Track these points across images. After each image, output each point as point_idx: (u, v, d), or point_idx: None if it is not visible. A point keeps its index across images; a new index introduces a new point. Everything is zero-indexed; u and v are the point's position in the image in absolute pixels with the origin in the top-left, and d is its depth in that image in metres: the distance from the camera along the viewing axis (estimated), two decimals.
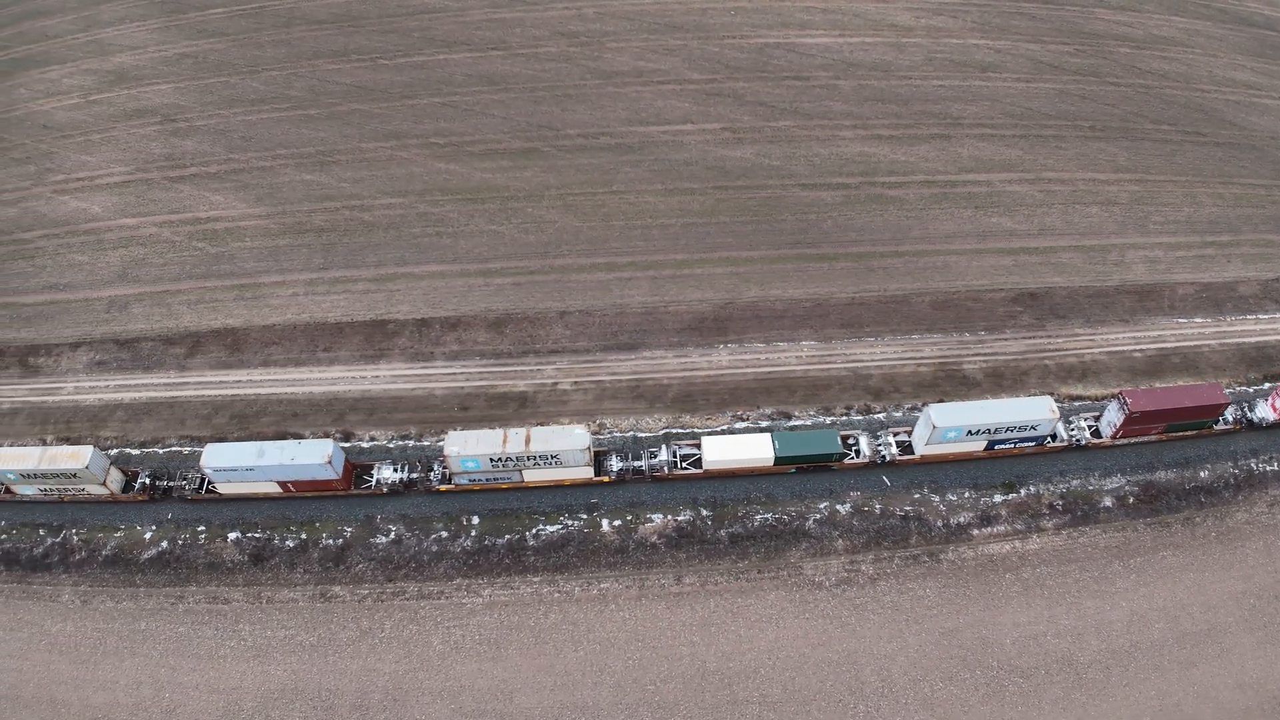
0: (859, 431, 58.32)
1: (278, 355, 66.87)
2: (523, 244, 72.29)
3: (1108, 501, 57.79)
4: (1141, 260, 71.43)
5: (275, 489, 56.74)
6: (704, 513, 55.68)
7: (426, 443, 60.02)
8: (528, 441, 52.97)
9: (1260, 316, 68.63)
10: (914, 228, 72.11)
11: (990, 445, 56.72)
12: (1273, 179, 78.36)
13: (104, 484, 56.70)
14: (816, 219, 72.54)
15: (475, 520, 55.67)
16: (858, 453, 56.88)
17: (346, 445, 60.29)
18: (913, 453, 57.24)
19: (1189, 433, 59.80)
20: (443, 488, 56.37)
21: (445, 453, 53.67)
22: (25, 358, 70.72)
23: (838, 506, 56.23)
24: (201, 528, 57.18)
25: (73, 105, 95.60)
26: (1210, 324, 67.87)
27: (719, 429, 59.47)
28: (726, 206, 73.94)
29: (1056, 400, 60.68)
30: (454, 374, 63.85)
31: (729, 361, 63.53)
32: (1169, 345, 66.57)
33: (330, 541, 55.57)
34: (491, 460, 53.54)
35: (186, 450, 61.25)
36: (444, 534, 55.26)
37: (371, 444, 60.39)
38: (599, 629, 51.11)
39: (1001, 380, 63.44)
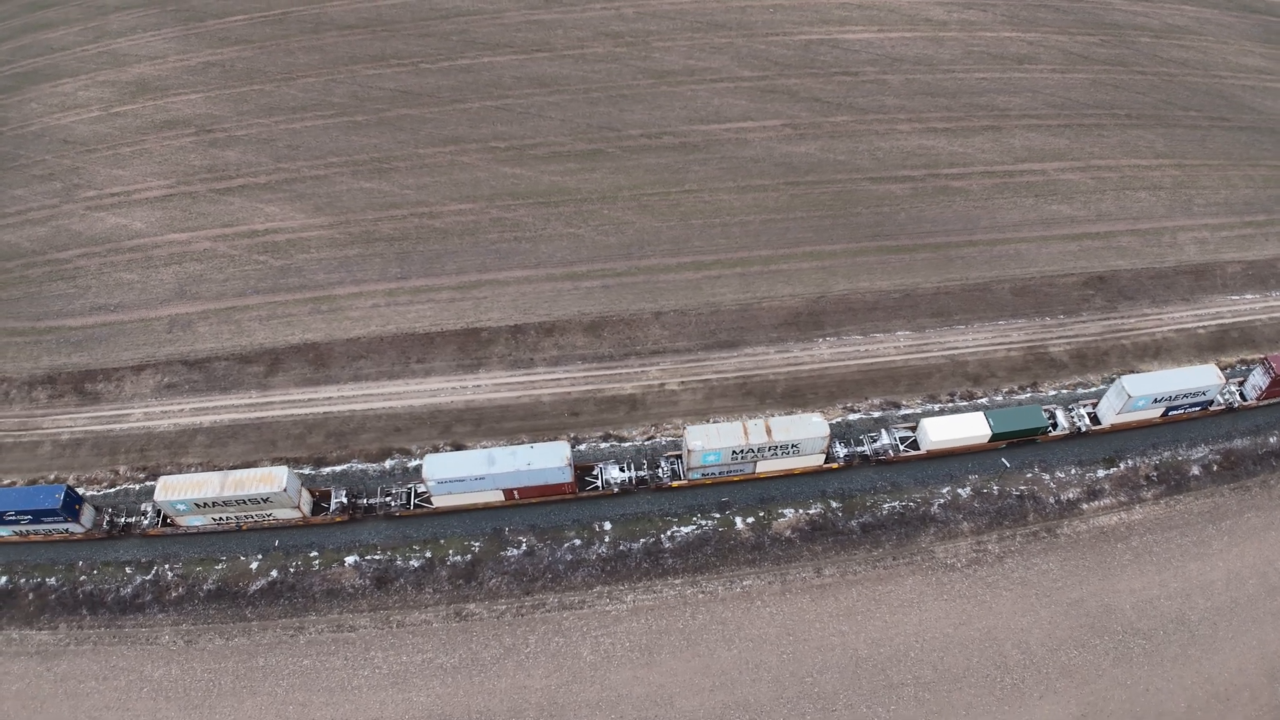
0: (1054, 406, 60.95)
1: (368, 369, 65.99)
2: (604, 246, 72.62)
3: (1195, 470, 61.10)
4: (1192, 241, 75.12)
5: (497, 498, 55.06)
6: (833, 505, 57.17)
7: None
8: (768, 432, 53.41)
9: None
10: (982, 218, 74.55)
11: (1166, 412, 60.34)
12: None
13: (297, 506, 54.29)
14: (890, 211, 74.46)
15: (607, 526, 56.09)
16: (1055, 425, 59.41)
17: None
18: (1100, 423, 60.04)
19: None
20: (675, 484, 56.29)
21: (689, 447, 53.43)
22: (81, 384, 68.07)
23: (959, 490, 58.30)
24: (314, 553, 55.78)
25: (94, 118, 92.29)
26: (1259, 300, 71.83)
27: (834, 420, 61.00)
28: (801, 202, 75.36)
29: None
30: (558, 379, 64.00)
31: (830, 355, 65.05)
32: (1226, 321, 70.27)
33: (458, 558, 55.01)
34: (734, 453, 53.80)
35: (308, 471, 60.04)
36: (577, 542, 55.52)
37: None
38: (748, 626, 52.14)
39: (1085, 361, 66.28)
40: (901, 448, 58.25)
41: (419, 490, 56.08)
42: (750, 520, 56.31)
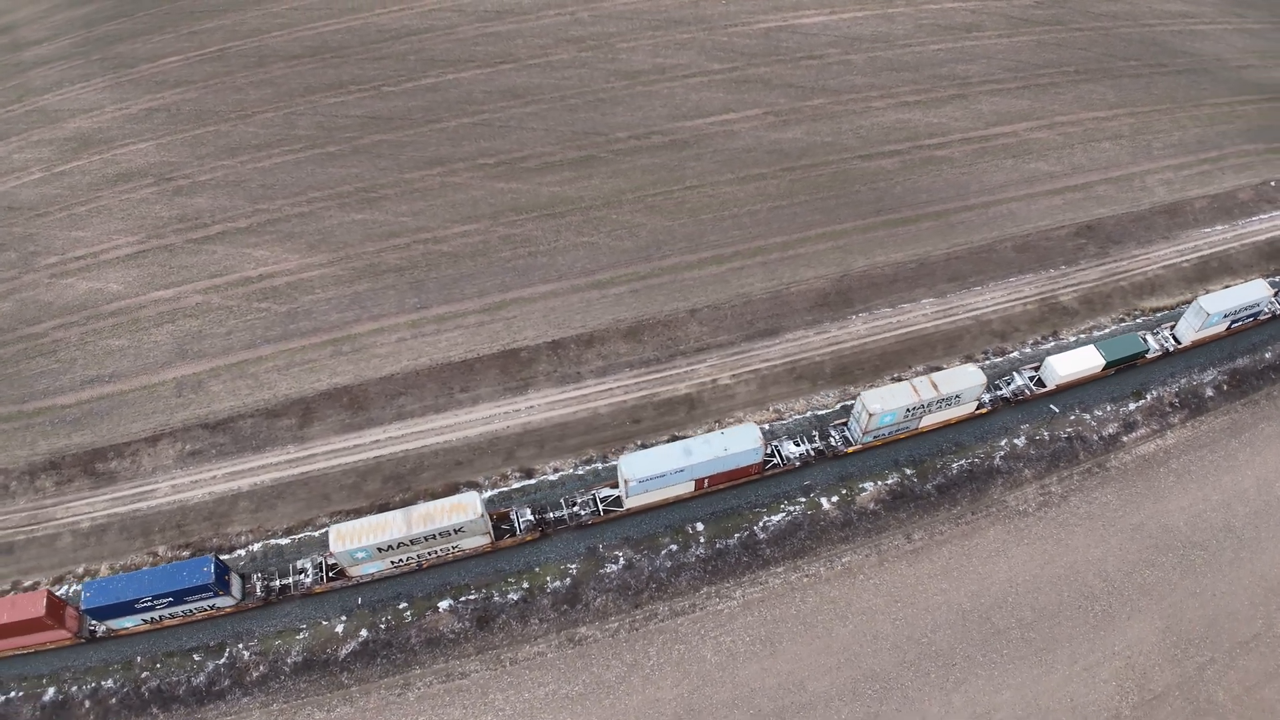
0: (1144, 331, 66.63)
1: (411, 405, 63.94)
2: (621, 251, 72.42)
3: (1209, 392, 65.82)
4: (1159, 183, 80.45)
5: (688, 490, 55.20)
6: (908, 472, 58.94)
7: (614, 462, 59.56)
8: (934, 387, 56.23)
9: (1262, 217, 79.11)
10: (971, 183, 77.85)
11: (1229, 325, 67.02)
12: (1231, 96, 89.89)
13: (487, 532, 51.98)
14: (886, 186, 76.88)
15: (700, 527, 56.26)
16: (1148, 350, 64.69)
17: (532, 482, 59.00)
18: (1181, 342, 66.50)
19: None
20: (850, 450, 58.37)
21: (868, 411, 55.04)
22: (90, 465, 63.18)
23: (1014, 441, 61.03)
24: (403, 604, 53.61)
25: (37, 180, 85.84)
26: (1229, 229, 77.61)
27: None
28: (801, 186, 76.94)
29: (1140, 314, 69.10)
30: (610, 389, 63.60)
31: (866, 329, 66.84)
32: (1205, 253, 75.69)
33: (558, 584, 53.93)
34: (907, 410, 56.07)
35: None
36: (673, 547, 55.43)
37: (557, 475, 59.25)
38: (856, 601, 53.38)
39: (1093, 305, 70.24)
40: (1032, 387, 62.45)
41: (602, 496, 55.43)
42: (835, 499, 57.45)
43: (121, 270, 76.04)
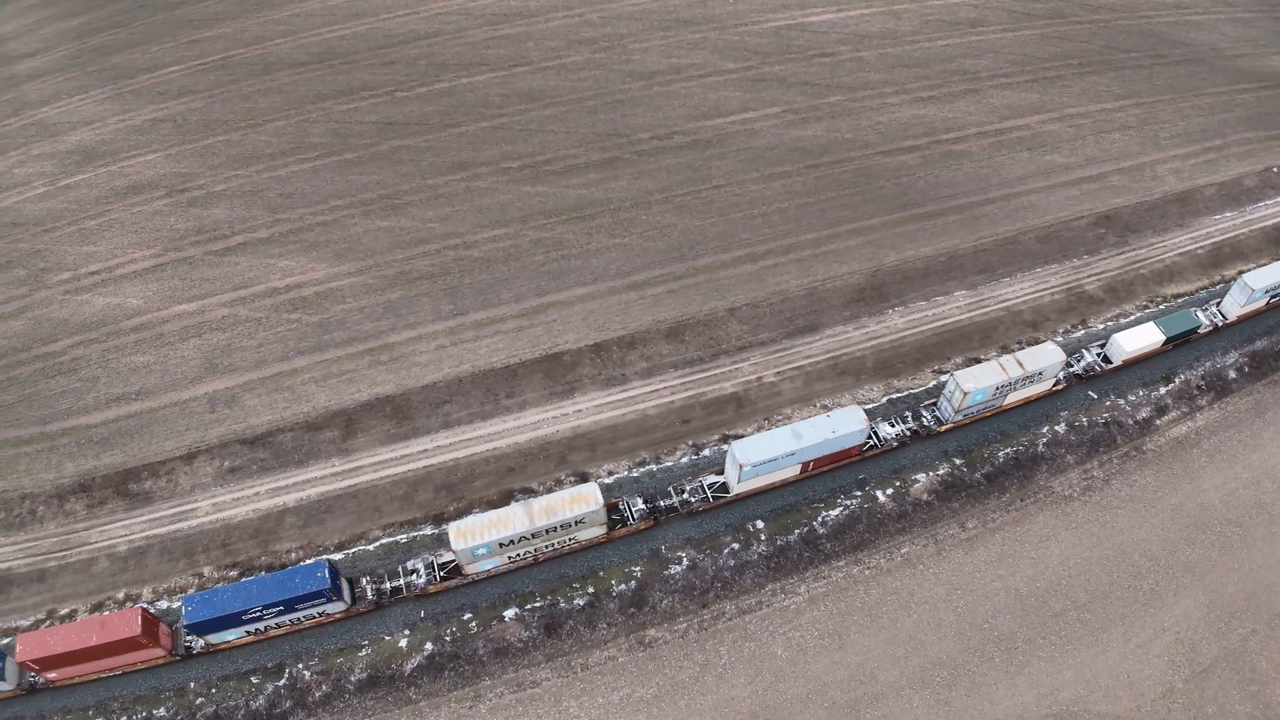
0: (1195, 309, 68.86)
1: (456, 413, 63.64)
2: (654, 251, 72.68)
3: (1232, 374, 67.82)
4: (1169, 172, 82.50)
5: (794, 474, 56.68)
6: (957, 462, 60.00)
7: (668, 463, 59.94)
8: (1020, 365, 58.39)
9: (1267, 203, 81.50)
10: (991, 176, 79.25)
11: (1269, 300, 69.31)
12: (1229, 85, 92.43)
13: (604, 522, 52.16)
14: (909, 181, 77.97)
15: (760, 525, 56.79)
16: (1200, 325, 67.15)
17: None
18: (1228, 318, 68.99)
19: None
20: (942, 429, 60.21)
21: (963, 390, 56.95)
22: (122, 485, 61.77)
23: (1055, 428, 62.41)
24: (468, 615, 53.36)
25: (41, 195, 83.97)
26: (1238, 216, 79.81)
27: (931, 385, 63.93)
28: (826, 183, 77.76)
29: (1162, 300, 71.13)
30: (657, 390, 63.86)
31: (904, 323, 67.82)
32: (1217, 239, 77.82)
33: (623, 587, 54.09)
34: (996, 388, 58.18)
35: (429, 531, 57.29)
36: (735, 545, 55.88)
37: (612, 478, 59.38)
38: (918, 590, 54.31)
39: (1117, 293, 71.92)
40: (1100, 363, 64.97)
41: (708, 483, 56.51)
42: (889, 491, 58.33)
43: (139, 284, 74.67)
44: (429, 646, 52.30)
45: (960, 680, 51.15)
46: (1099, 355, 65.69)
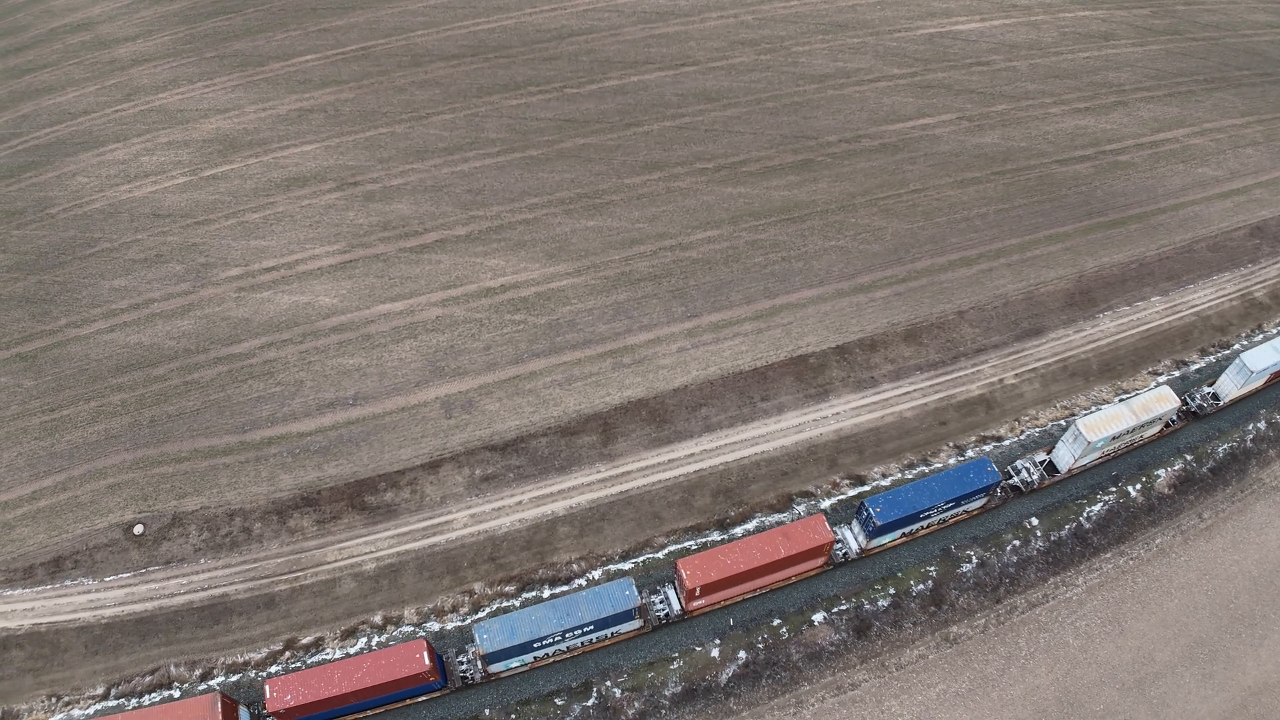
0: None
1: (715, 416, 65.25)
2: (871, 254, 75.58)
3: None
4: None
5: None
6: (1187, 457, 65.12)
7: (932, 466, 63.19)
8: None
9: None
10: (1156, 187, 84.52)
11: None
12: None
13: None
14: (1088, 190, 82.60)
15: (1035, 521, 60.78)
16: None
17: (866, 489, 61.47)
18: None
19: None
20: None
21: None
22: (356, 497, 59.50)
23: (1257, 425, 68.01)
24: (777, 621, 54.95)
25: (183, 185, 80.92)
26: None
27: (1140, 390, 68.67)
28: (1015, 190, 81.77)
29: None
30: (907, 393, 67.02)
31: (1114, 327, 72.51)
32: None
33: (921, 587, 57.28)
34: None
35: (716, 536, 59.17)
36: (1016, 543, 59.77)
37: (888, 480, 62.31)
38: (1175, 577, 59.19)
39: None
40: None
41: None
42: (1138, 486, 63.03)
43: (330, 282, 72.53)
44: (742, 655, 53.57)
45: (1218, 656, 56.30)
46: None
